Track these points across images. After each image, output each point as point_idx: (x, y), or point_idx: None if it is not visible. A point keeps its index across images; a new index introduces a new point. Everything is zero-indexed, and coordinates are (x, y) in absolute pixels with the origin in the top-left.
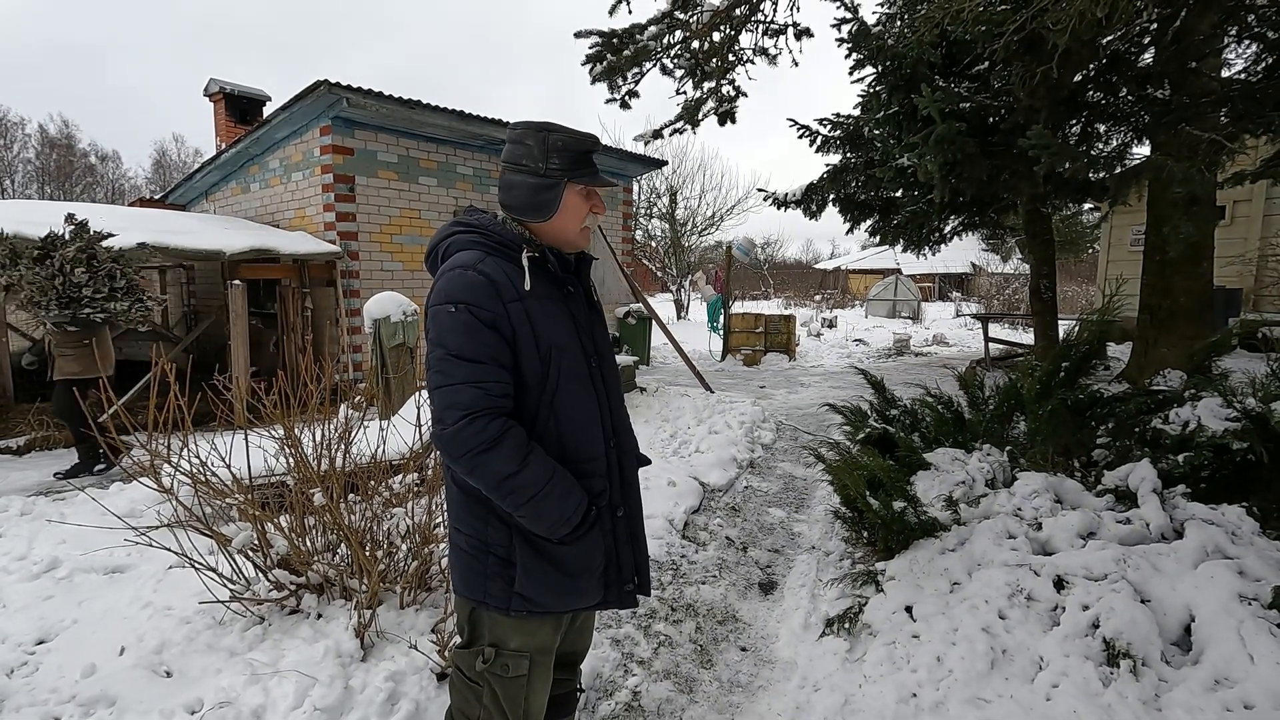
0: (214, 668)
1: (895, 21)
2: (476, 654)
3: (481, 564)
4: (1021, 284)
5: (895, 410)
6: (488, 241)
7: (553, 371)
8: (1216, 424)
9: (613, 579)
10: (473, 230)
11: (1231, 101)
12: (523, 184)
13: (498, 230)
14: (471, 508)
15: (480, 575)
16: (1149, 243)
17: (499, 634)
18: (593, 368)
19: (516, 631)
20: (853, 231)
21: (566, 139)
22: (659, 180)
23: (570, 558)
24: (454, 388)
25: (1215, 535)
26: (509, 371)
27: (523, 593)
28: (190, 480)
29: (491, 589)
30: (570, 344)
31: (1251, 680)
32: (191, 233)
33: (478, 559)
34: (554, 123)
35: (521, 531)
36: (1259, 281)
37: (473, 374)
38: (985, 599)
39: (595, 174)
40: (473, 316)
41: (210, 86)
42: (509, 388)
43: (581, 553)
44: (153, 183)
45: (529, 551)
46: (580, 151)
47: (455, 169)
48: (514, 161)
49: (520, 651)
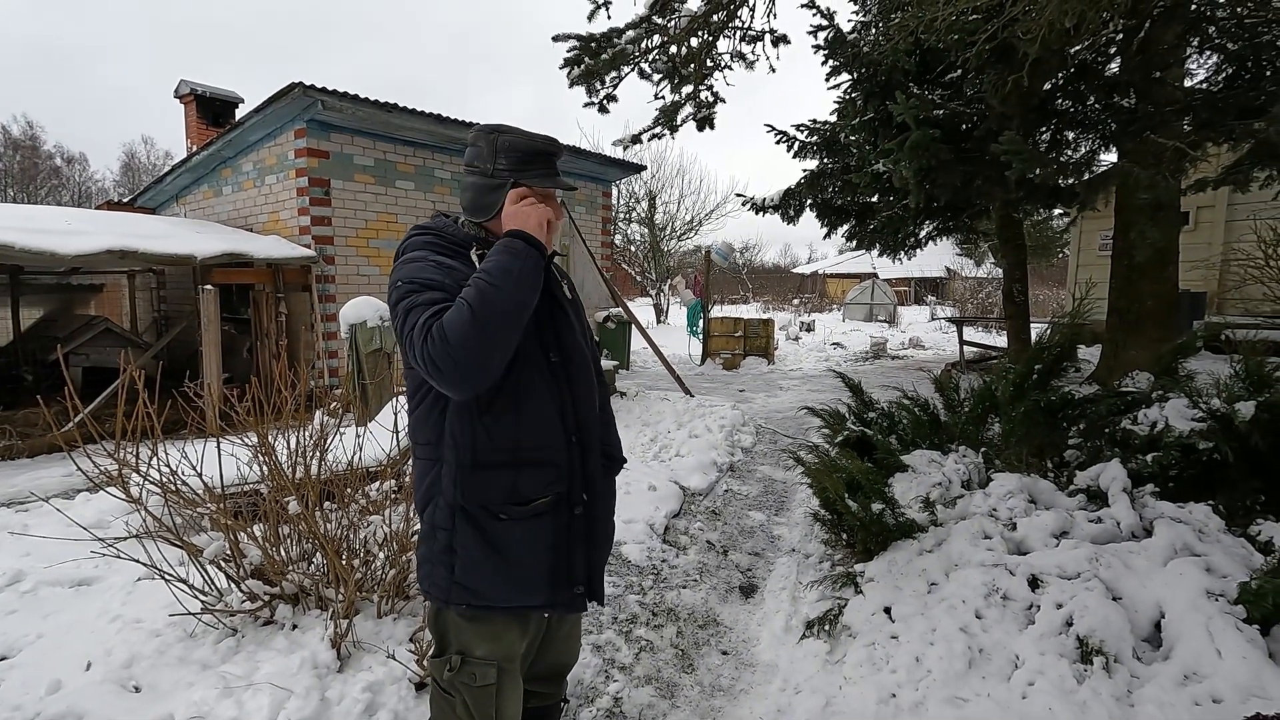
0: (185, 681)
1: (870, 29)
2: (445, 662)
3: (429, 550)
4: (994, 288)
5: (873, 413)
6: (440, 241)
7: None
8: (1183, 424)
9: (561, 579)
10: (428, 232)
11: (1194, 110)
12: (473, 185)
13: (450, 231)
14: (426, 491)
15: (428, 563)
16: (1117, 248)
17: (464, 640)
18: (552, 361)
19: (480, 638)
20: (830, 236)
21: (515, 139)
22: (638, 185)
23: (511, 542)
24: (415, 310)
25: (1183, 533)
26: None
27: (461, 580)
28: (160, 489)
29: (435, 577)
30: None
31: (1219, 675)
32: (162, 236)
33: (426, 544)
34: (506, 125)
35: (464, 510)
36: (1222, 285)
37: (422, 293)
38: (962, 599)
39: (546, 175)
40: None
41: (181, 88)
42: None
43: (523, 538)
44: (121, 186)
45: (469, 532)
46: (530, 152)
47: (433, 173)
48: (468, 163)
49: (487, 660)
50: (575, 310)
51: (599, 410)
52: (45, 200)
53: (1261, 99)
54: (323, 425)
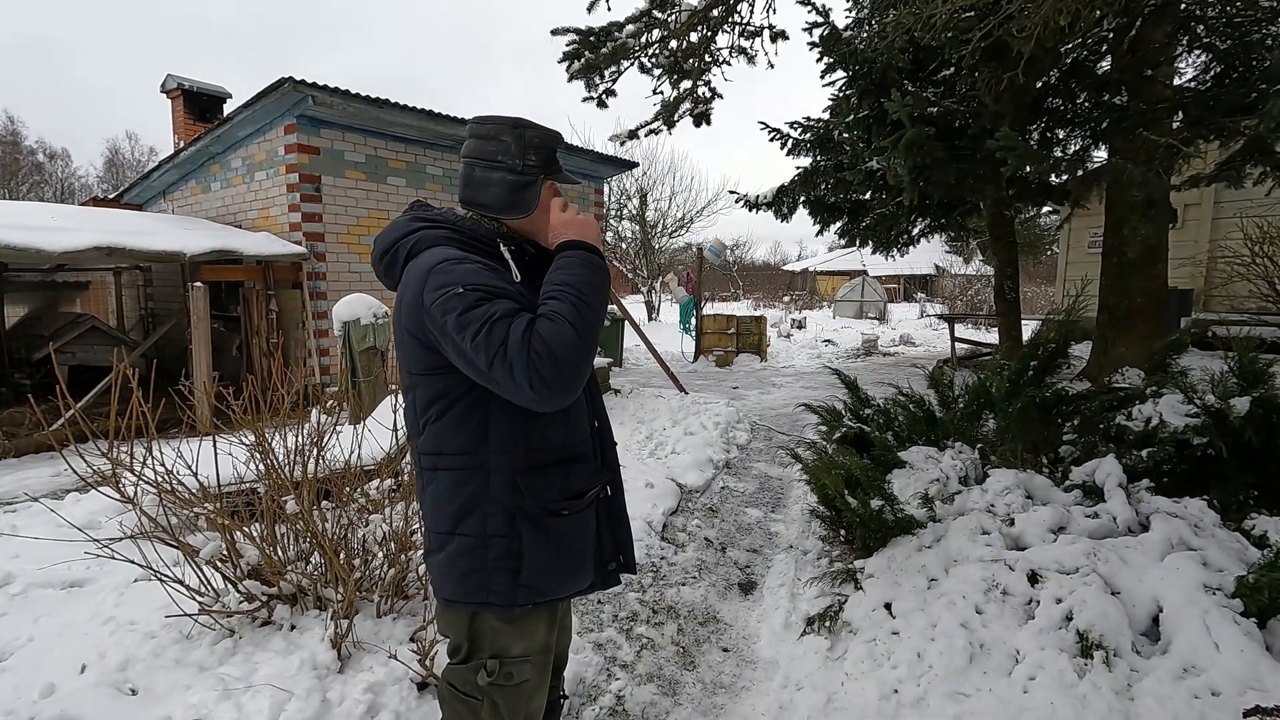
0: (182, 684)
1: (865, 26)
2: (478, 668)
3: (481, 560)
4: (983, 285)
5: (869, 410)
6: (460, 237)
7: None
8: (1177, 420)
9: (599, 561)
10: (439, 225)
11: (1184, 108)
12: (500, 181)
13: (469, 226)
14: (465, 502)
15: (481, 573)
16: (1107, 245)
17: (501, 643)
18: None
19: (518, 636)
20: (823, 233)
21: (542, 136)
22: (629, 182)
23: (571, 534)
24: (499, 321)
25: (1179, 528)
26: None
27: (528, 582)
28: (155, 489)
29: (495, 585)
30: None
31: (1217, 668)
32: (149, 233)
33: (476, 556)
34: (525, 119)
35: (525, 512)
36: (1209, 282)
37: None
38: (962, 594)
39: (562, 171)
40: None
41: (168, 83)
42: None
43: (580, 528)
44: (105, 182)
45: (533, 534)
46: (552, 149)
47: (425, 169)
48: (487, 158)
49: (524, 657)
50: None
51: None
52: (27, 197)
53: (1252, 96)
54: (320, 423)
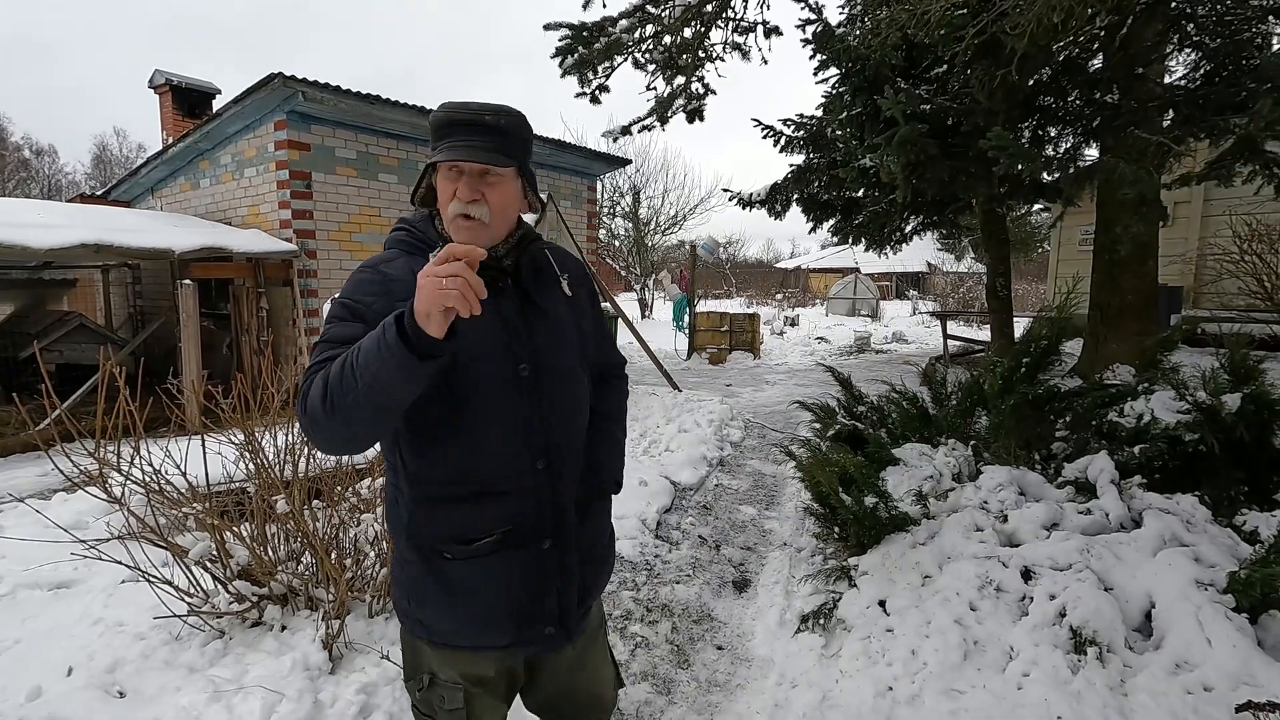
0: (172, 685)
1: (858, 23)
2: (416, 683)
3: (397, 580)
4: (975, 282)
5: (862, 407)
6: (411, 239)
7: (459, 378)
8: (1169, 416)
9: (526, 619)
10: (403, 229)
11: (1175, 106)
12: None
13: (421, 227)
14: (391, 521)
15: (396, 584)
16: (1098, 242)
17: (432, 664)
18: (523, 376)
19: (445, 663)
20: (815, 231)
21: (437, 111)
22: (622, 179)
23: (464, 580)
24: (310, 370)
25: (1171, 524)
26: None
27: (424, 620)
28: (143, 489)
29: (400, 602)
30: (490, 348)
31: (1209, 663)
32: (138, 230)
33: (395, 574)
34: (451, 102)
35: (417, 546)
36: (1198, 279)
37: (322, 353)
38: (956, 591)
39: (455, 147)
40: (344, 307)
41: (156, 78)
42: None
43: (478, 576)
44: (92, 178)
45: (423, 568)
46: (442, 123)
47: (417, 166)
48: None
49: (454, 683)
50: (570, 311)
51: (599, 424)
52: (13, 193)
53: (1242, 95)
54: None
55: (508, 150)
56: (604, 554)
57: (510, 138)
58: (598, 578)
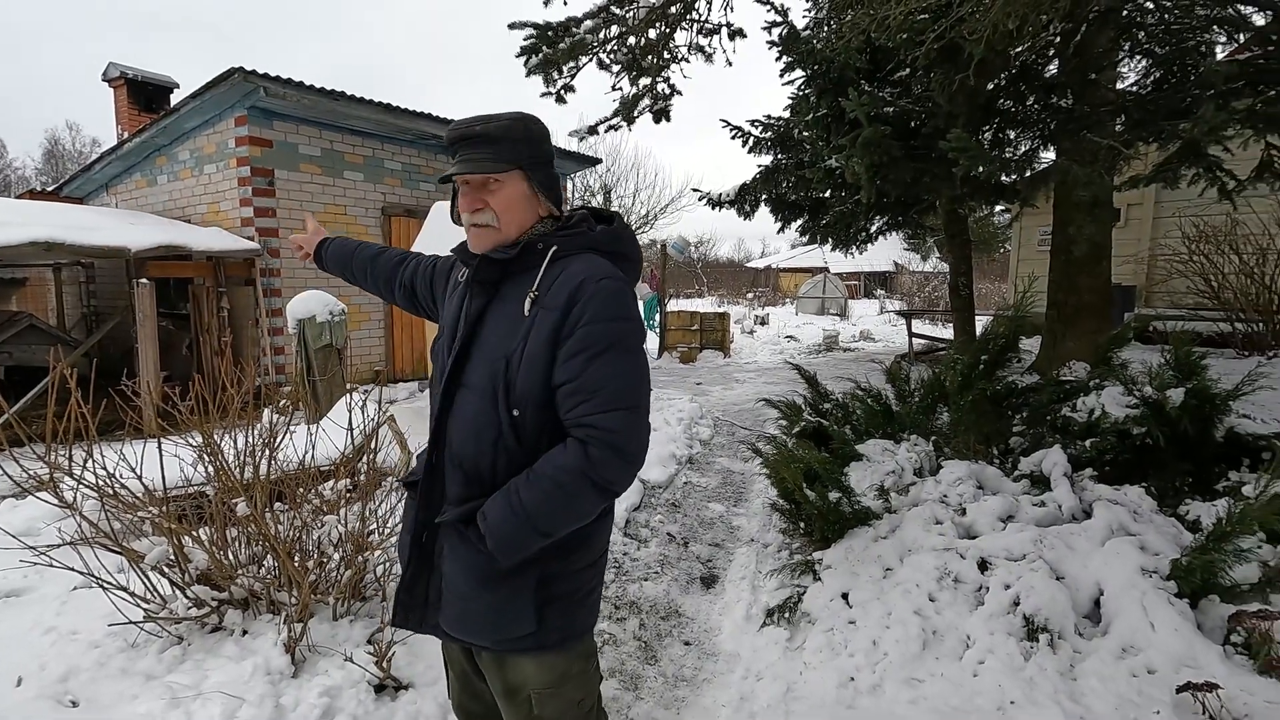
0: (129, 694)
1: (823, 26)
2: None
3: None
4: (940, 282)
5: (828, 404)
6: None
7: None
8: (1119, 411)
9: (404, 598)
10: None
11: (1127, 111)
12: None
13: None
14: None
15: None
16: (1055, 243)
17: None
18: (445, 371)
19: None
20: (784, 231)
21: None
22: (592, 178)
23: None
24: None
25: (1119, 514)
26: None
27: None
28: (96, 493)
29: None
30: (446, 335)
31: (1154, 647)
32: (92, 228)
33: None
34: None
35: None
36: (1150, 279)
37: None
38: (916, 583)
39: (452, 166)
40: None
41: (110, 71)
42: None
43: (400, 556)
44: (44, 174)
45: None
46: (448, 142)
47: (383, 164)
48: None
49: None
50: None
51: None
52: None
53: (1187, 101)
54: (272, 423)
55: (501, 156)
56: (470, 598)
57: (503, 143)
58: (462, 619)
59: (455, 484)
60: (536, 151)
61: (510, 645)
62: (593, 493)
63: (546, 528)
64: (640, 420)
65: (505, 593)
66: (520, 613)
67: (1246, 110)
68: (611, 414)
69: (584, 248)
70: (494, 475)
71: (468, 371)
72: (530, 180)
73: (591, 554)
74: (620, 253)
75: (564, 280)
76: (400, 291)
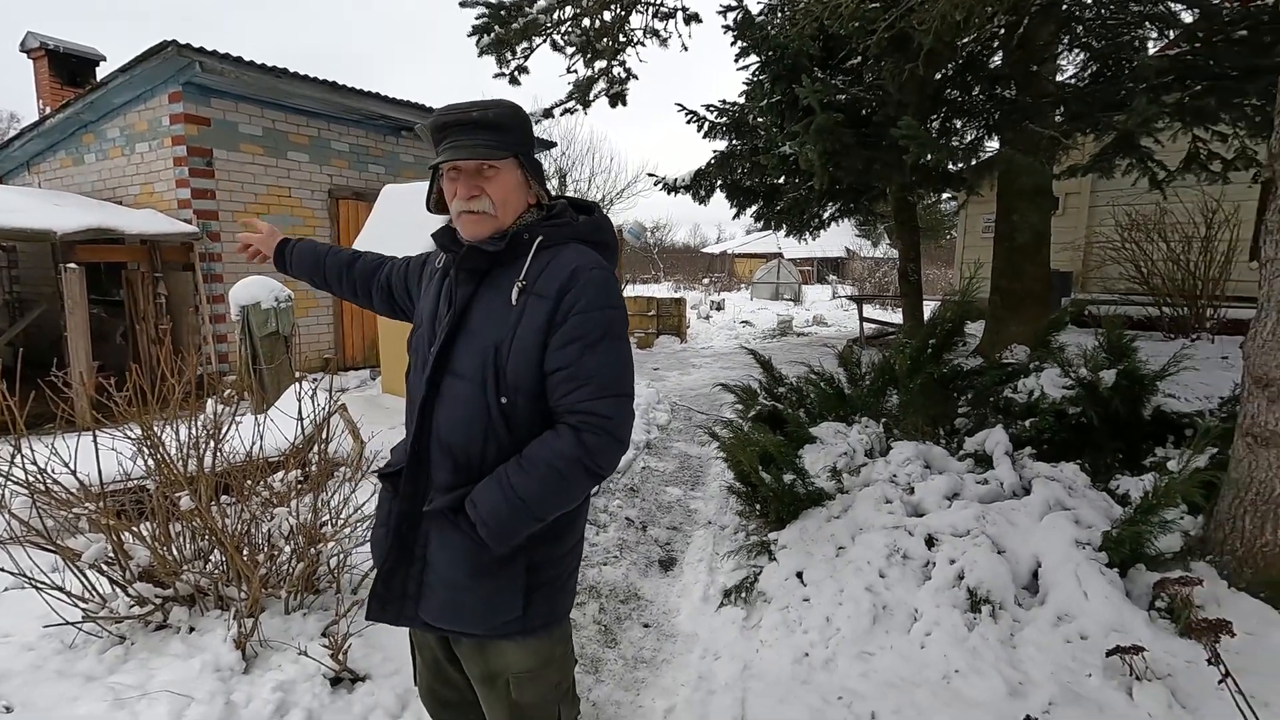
0: (68, 696)
1: (778, 13)
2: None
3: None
4: (891, 268)
5: (783, 388)
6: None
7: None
8: (1056, 392)
9: (380, 591)
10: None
11: (1066, 102)
12: None
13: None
14: None
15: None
16: (999, 230)
17: None
18: (429, 358)
19: None
20: (739, 216)
21: (431, 119)
22: (547, 162)
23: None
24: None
25: (1056, 490)
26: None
27: None
28: (26, 489)
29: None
30: (425, 323)
31: (1086, 615)
32: (12, 209)
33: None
34: (448, 105)
35: None
36: (1085, 265)
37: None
38: (867, 560)
39: (444, 151)
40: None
41: (29, 41)
42: None
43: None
44: None
45: None
46: (437, 127)
47: (330, 145)
48: None
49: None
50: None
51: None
52: None
53: (1122, 94)
54: (217, 414)
55: (501, 143)
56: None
57: (503, 130)
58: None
59: (444, 471)
60: (528, 139)
61: (496, 631)
62: (585, 477)
63: (540, 513)
64: (629, 406)
65: (498, 580)
66: (510, 599)
67: (1175, 103)
68: (604, 400)
69: (569, 238)
70: (483, 462)
71: (455, 359)
72: (524, 168)
73: (574, 538)
74: (603, 242)
75: (554, 269)
76: (378, 294)
